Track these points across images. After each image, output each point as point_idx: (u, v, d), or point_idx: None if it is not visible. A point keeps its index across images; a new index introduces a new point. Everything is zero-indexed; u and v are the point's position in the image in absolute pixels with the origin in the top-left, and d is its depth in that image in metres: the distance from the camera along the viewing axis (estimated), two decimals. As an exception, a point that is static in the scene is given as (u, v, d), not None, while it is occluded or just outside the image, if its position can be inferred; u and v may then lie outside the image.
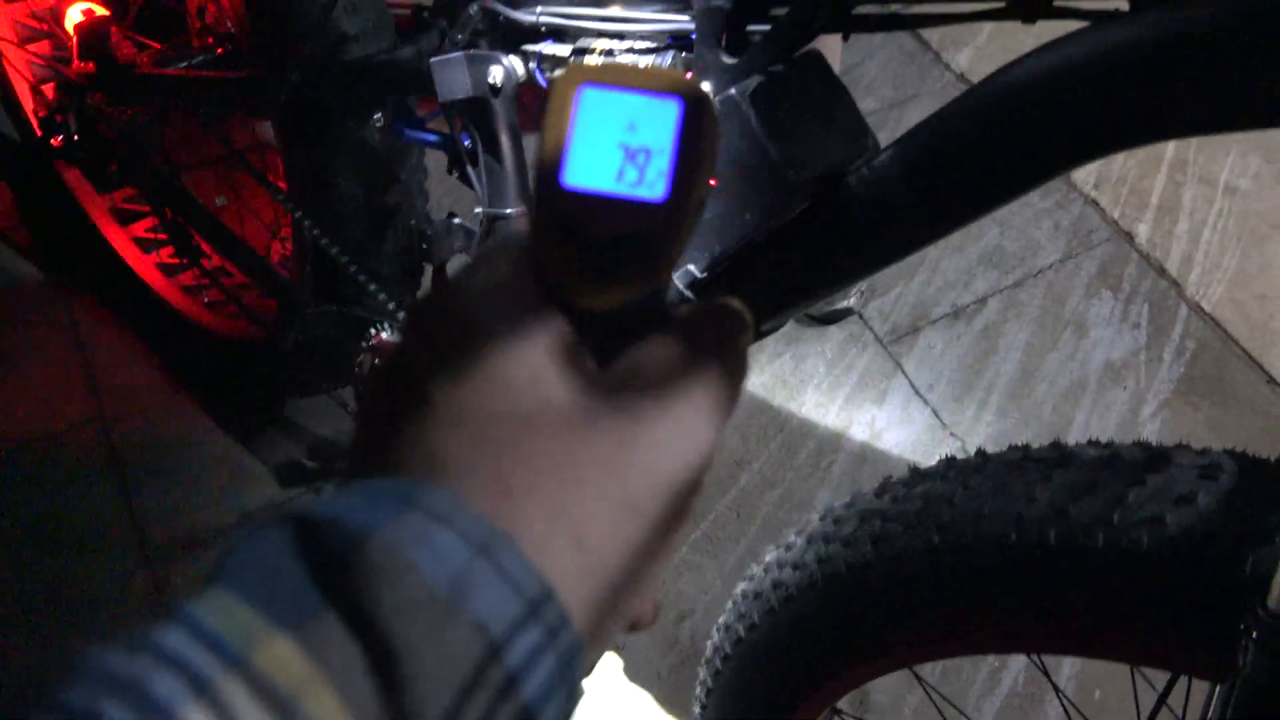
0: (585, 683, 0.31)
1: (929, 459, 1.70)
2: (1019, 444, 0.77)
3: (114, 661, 0.25)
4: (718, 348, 0.34)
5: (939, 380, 1.80)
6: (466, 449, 0.31)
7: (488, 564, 0.28)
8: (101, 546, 1.65)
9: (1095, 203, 2.02)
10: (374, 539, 0.27)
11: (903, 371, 1.81)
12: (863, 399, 1.78)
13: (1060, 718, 1.45)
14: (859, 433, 1.74)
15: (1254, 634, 0.57)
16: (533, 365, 0.32)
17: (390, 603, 0.27)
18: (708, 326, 0.35)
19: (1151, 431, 1.71)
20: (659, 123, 0.32)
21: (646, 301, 0.34)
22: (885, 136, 0.66)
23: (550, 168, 0.32)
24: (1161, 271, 1.91)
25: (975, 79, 2.12)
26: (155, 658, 0.25)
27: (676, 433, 0.32)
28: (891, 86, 2.18)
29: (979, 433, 1.73)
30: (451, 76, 0.91)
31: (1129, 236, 1.96)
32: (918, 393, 1.79)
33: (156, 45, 1.45)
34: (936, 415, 1.76)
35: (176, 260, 1.77)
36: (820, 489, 1.68)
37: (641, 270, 0.33)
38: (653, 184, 0.32)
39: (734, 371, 0.35)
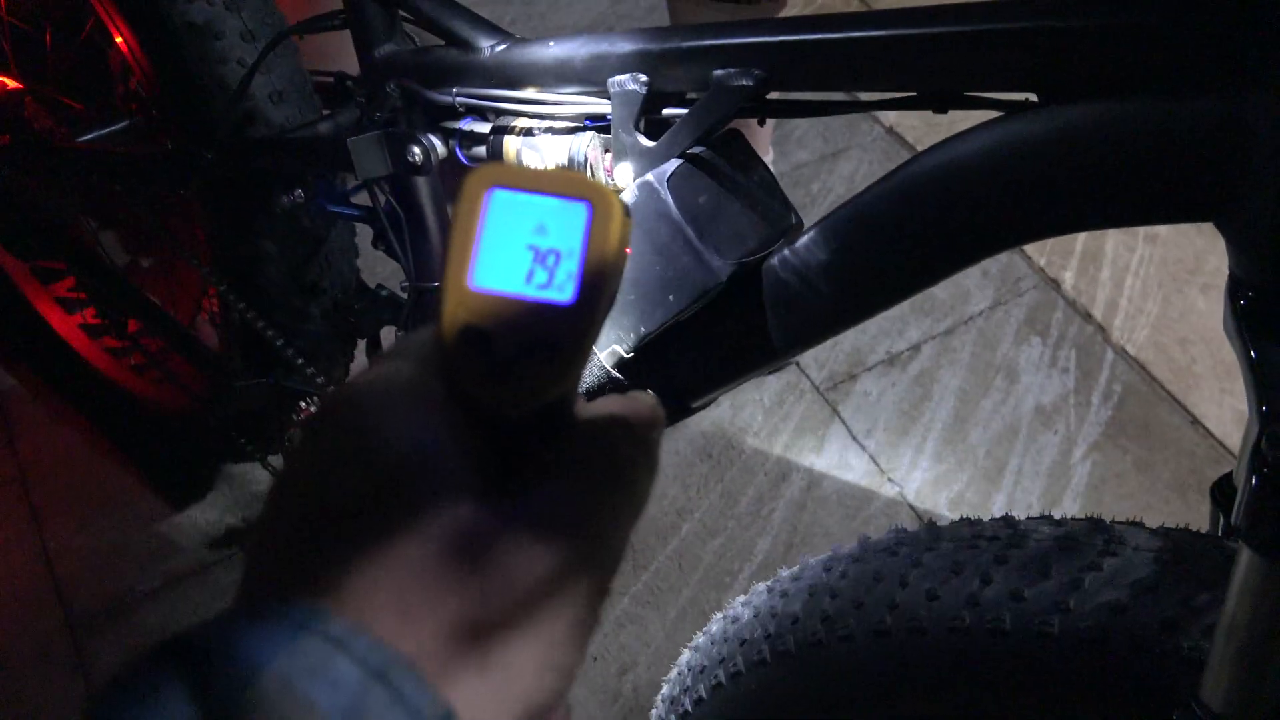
0: None
1: (868, 504, 1.72)
2: (970, 518, 0.77)
3: None
4: (628, 449, 0.34)
5: (875, 426, 1.82)
6: (365, 569, 0.30)
7: (386, 692, 0.27)
8: (21, 612, 1.61)
9: (1022, 251, 2.06)
10: (268, 672, 0.26)
11: (840, 418, 1.83)
12: (801, 446, 1.80)
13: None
14: (798, 480, 1.76)
15: None
16: (435, 476, 0.31)
17: None
18: (617, 427, 0.35)
19: (1082, 475, 1.74)
20: (568, 225, 0.32)
21: (554, 404, 0.33)
22: (817, 187, 0.67)
23: (458, 267, 0.32)
24: (1087, 317, 1.96)
25: (903, 133, 2.17)
26: None
27: (587, 540, 0.32)
28: (823, 140, 2.21)
29: (916, 478, 1.76)
30: (370, 155, 0.91)
31: (1055, 283, 2.01)
32: (855, 439, 1.81)
33: (79, 107, 1.43)
34: (874, 461, 1.78)
35: (99, 321, 1.75)
36: (761, 537, 1.69)
37: (549, 373, 0.32)
38: (561, 286, 0.32)
39: (645, 471, 0.34)
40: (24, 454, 1.79)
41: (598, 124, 0.80)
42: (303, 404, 1.18)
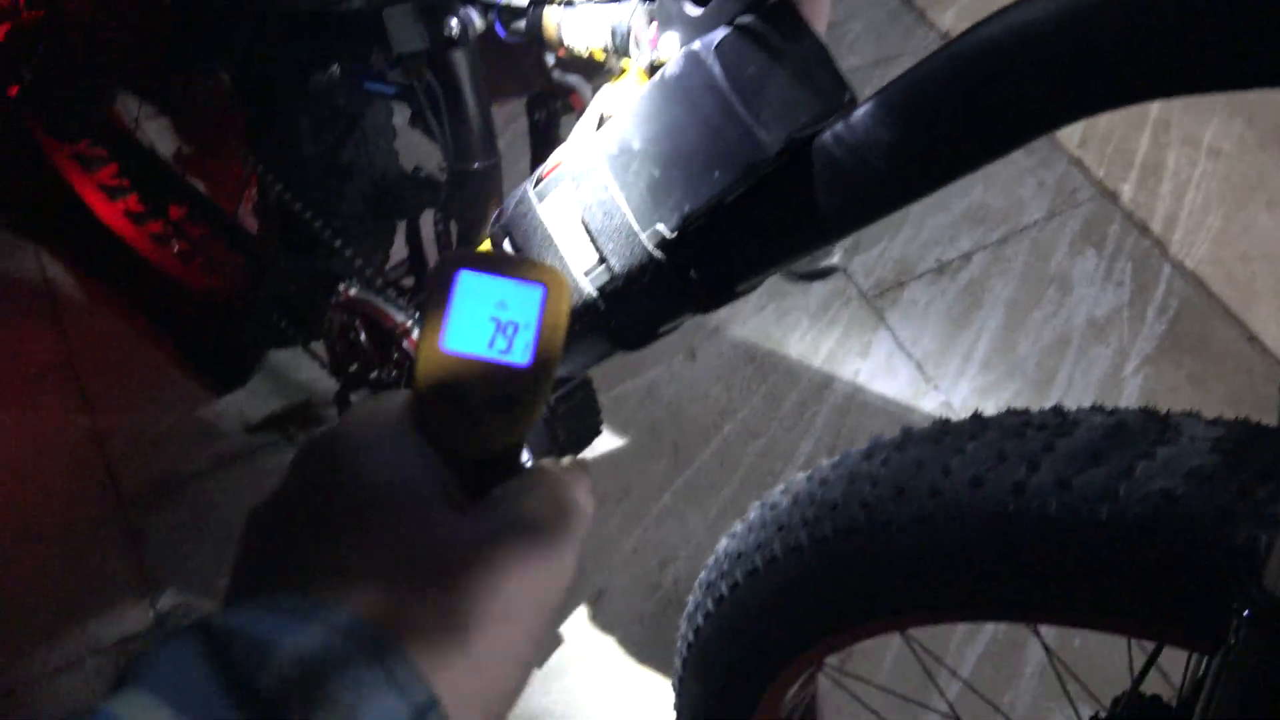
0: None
1: (912, 411, 1.71)
2: (1017, 408, 0.75)
3: None
4: (566, 489, 0.40)
5: (923, 335, 1.80)
6: (361, 567, 0.35)
7: (381, 673, 0.31)
8: (75, 490, 1.65)
9: (1080, 162, 2.01)
10: (280, 649, 0.30)
11: (887, 326, 1.81)
12: (847, 352, 1.78)
13: (1040, 664, 1.46)
14: (842, 385, 1.75)
15: (1245, 612, 0.56)
16: (417, 495, 0.37)
17: (296, 709, 0.29)
18: (556, 472, 0.41)
19: (1134, 388, 1.71)
20: (525, 303, 0.38)
21: (509, 449, 0.40)
22: (868, 93, 0.64)
23: (432, 332, 0.38)
24: (1145, 230, 1.91)
25: (963, 32, 2.10)
26: None
27: (542, 557, 0.37)
28: (875, 45, 2.16)
29: (963, 387, 1.74)
30: (405, 28, 0.89)
31: (1113, 196, 1.96)
32: (901, 346, 1.79)
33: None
34: (920, 369, 1.76)
35: (142, 208, 1.75)
36: (804, 440, 1.68)
37: (507, 423, 0.38)
38: (520, 352, 0.38)
39: (582, 509, 0.40)
40: (73, 339, 1.81)
41: (643, -9, 0.78)
42: (341, 287, 1.18)
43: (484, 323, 0.38)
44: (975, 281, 1.86)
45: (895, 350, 1.78)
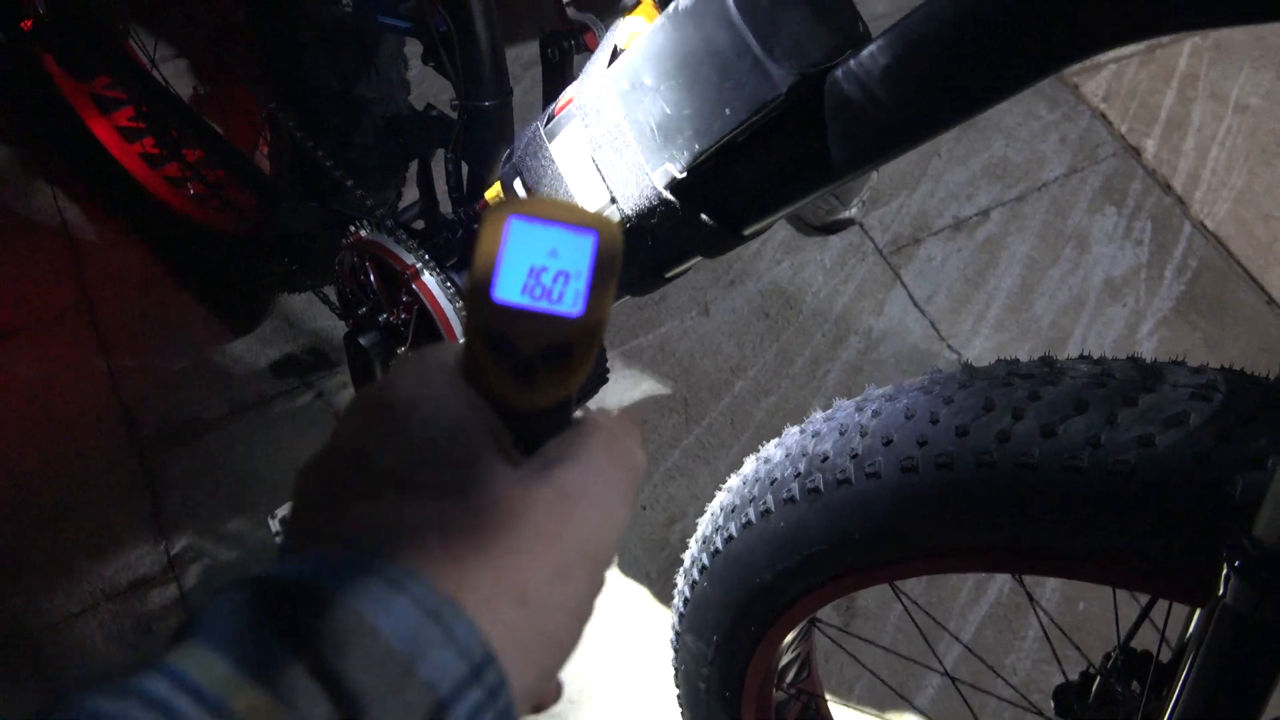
0: None
1: (926, 370, 1.69)
2: (1008, 358, 0.76)
3: (102, 704, 0.27)
4: (620, 441, 0.40)
5: (938, 292, 1.79)
6: (417, 520, 0.34)
7: (438, 629, 0.31)
8: (91, 432, 1.66)
9: (1103, 116, 1.98)
10: (339, 602, 0.30)
11: (901, 282, 1.80)
12: (860, 309, 1.77)
13: (1054, 619, 1.46)
14: (856, 342, 1.74)
15: (1236, 562, 0.56)
16: (471, 447, 0.36)
17: (355, 660, 0.29)
18: (609, 423, 0.40)
19: (1149, 348, 1.70)
20: (577, 251, 0.37)
21: (562, 402, 0.39)
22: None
23: (482, 284, 0.37)
24: (1167, 188, 1.89)
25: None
26: (142, 703, 0.28)
27: (598, 508, 0.37)
28: (902, -9, 2.14)
29: (976, 345, 1.73)
30: None
31: (1136, 152, 1.93)
32: (915, 304, 1.78)
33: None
34: (934, 326, 1.75)
35: (158, 151, 1.75)
36: (815, 398, 1.68)
37: (559, 374, 0.37)
38: (571, 301, 0.37)
39: (636, 460, 0.40)
40: (89, 280, 1.82)
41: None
42: (351, 228, 1.17)
43: (535, 272, 0.37)
44: (992, 239, 1.84)
45: (909, 308, 1.77)
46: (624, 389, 1.69)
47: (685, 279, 1.79)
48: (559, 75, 0.97)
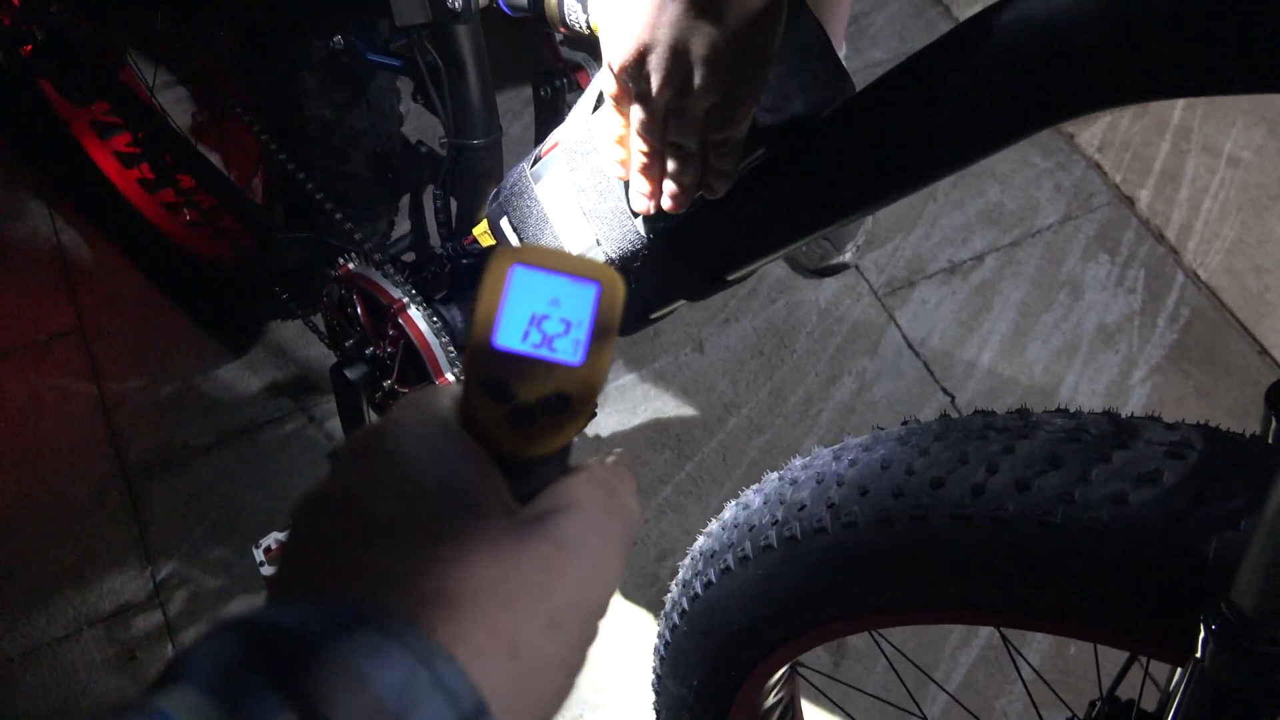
0: None
1: (918, 412, 1.70)
2: (984, 409, 0.75)
3: None
4: (616, 493, 0.39)
5: (932, 335, 1.79)
6: (409, 570, 0.34)
7: (430, 678, 0.31)
8: (79, 456, 1.66)
9: (1098, 166, 1.99)
10: (329, 649, 0.30)
11: (896, 324, 1.81)
12: (854, 349, 1.78)
13: (1033, 671, 1.46)
14: (849, 382, 1.74)
15: (1214, 626, 0.55)
16: (466, 497, 0.36)
17: (345, 709, 0.29)
18: (604, 473, 0.40)
19: (1141, 395, 1.70)
20: (579, 301, 0.37)
21: (559, 451, 0.39)
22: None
23: (483, 330, 0.37)
24: (1160, 238, 1.89)
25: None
26: None
27: (592, 561, 0.37)
28: (899, 38, 2.15)
29: (969, 389, 1.73)
30: (408, 1, 0.88)
31: (1130, 201, 1.94)
32: (910, 345, 1.78)
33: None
34: (928, 368, 1.75)
35: (154, 176, 1.76)
36: (807, 437, 1.68)
37: (557, 424, 0.37)
38: (572, 351, 0.37)
39: (631, 512, 0.40)
40: (84, 304, 1.83)
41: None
42: (340, 260, 1.18)
43: (537, 320, 0.37)
44: (987, 283, 1.85)
45: (903, 349, 1.78)
46: (617, 423, 1.69)
47: (679, 315, 1.80)
48: (551, 112, 0.98)
